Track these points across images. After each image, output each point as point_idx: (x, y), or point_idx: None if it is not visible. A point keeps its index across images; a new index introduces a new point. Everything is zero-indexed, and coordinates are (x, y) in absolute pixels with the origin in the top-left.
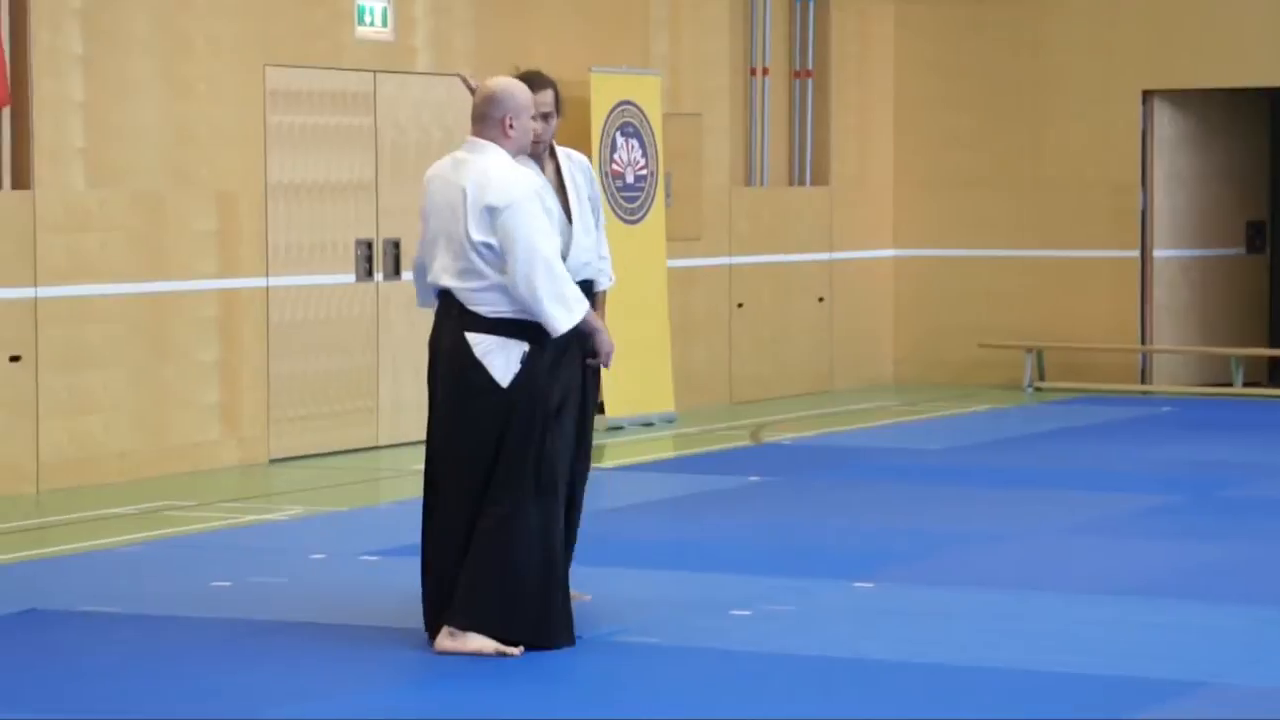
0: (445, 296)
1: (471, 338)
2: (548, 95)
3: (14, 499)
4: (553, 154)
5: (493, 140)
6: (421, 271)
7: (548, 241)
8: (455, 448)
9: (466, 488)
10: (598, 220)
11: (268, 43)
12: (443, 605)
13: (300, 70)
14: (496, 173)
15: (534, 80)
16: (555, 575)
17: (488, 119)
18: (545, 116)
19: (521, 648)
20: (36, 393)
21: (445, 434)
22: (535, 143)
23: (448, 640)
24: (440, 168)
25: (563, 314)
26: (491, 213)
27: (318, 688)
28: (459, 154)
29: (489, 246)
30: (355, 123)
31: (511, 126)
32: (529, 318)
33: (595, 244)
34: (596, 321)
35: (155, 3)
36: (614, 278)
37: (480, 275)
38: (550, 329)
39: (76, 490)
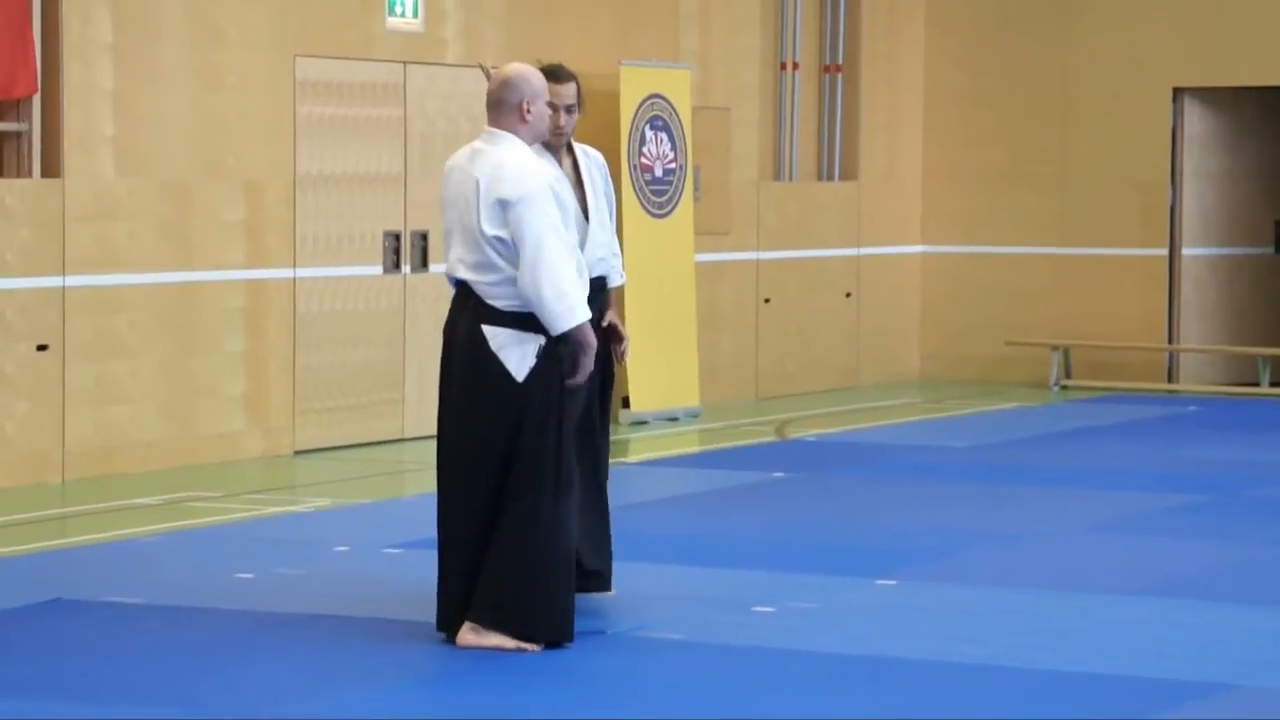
0: (462, 287)
1: (488, 330)
2: (570, 89)
3: (40, 488)
4: (570, 149)
5: (510, 128)
6: None
7: (557, 238)
8: (470, 441)
9: (482, 482)
10: (611, 217)
11: (298, 33)
12: (458, 599)
13: (330, 61)
14: (511, 164)
15: (557, 73)
16: (571, 572)
17: (504, 105)
18: (568, 109)
19: (541, 645)
20: (63, 382)
21: (460, 427)
22: (556, 135)
23: (470, 635)
24: (458, 158)
25: (563, 313)
26: (504, 206)
27: (339, 681)
28: (477, 144)
29: (500, 240)
30: (385, 114)
31: (529, 111)
32: None
33: (610, 240)
34: (590, 338)
35: None
36: (624, 275)
37: (495, 268)
38: (548, 327)
39: (102, 480)
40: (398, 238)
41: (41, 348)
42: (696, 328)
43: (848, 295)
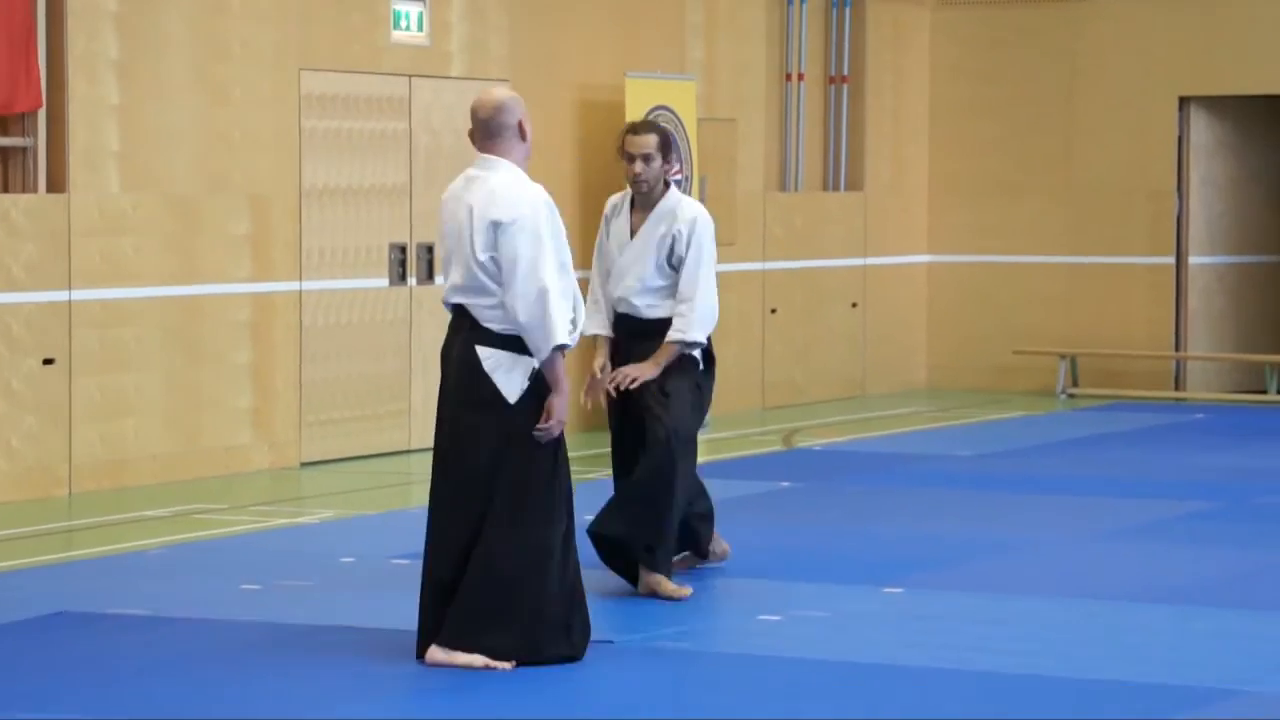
0: (458, 311)
1: (482, 351)
2: (647, 140)
3: (46, 501)
4: (653, 207)
5: (505, 153)
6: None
7: (549, 262)
8: (459, 460)
9: (468, 500)
10: (685, 270)
11: (303, 47)
12: (436, 616)
13: (335, 75)
14: (504, 189)
15: (636, 126)
16: (547, 591)
17: (503, 128)
18: (644, 159)
19: (513, 662)
20: (69, 395)
21: (451, 447)
22: (635, 184)
23: (439, 653)
24: (454, 188)
25: (541, 339)
26: (496, 228)
27: (346, 692)
28: (471, 172)
29: (494, 261)
30: (390, 127)
31: (526, 129)
32: None
33: (639, 280)
34: (559, 378)
35: (191, 7)
36: (686, 332)
37: (488, 292)
38: (533, 351)
39: (108, 493)
40: (403, 250)
41: (48, 361)
42: None
43: (854, 305)
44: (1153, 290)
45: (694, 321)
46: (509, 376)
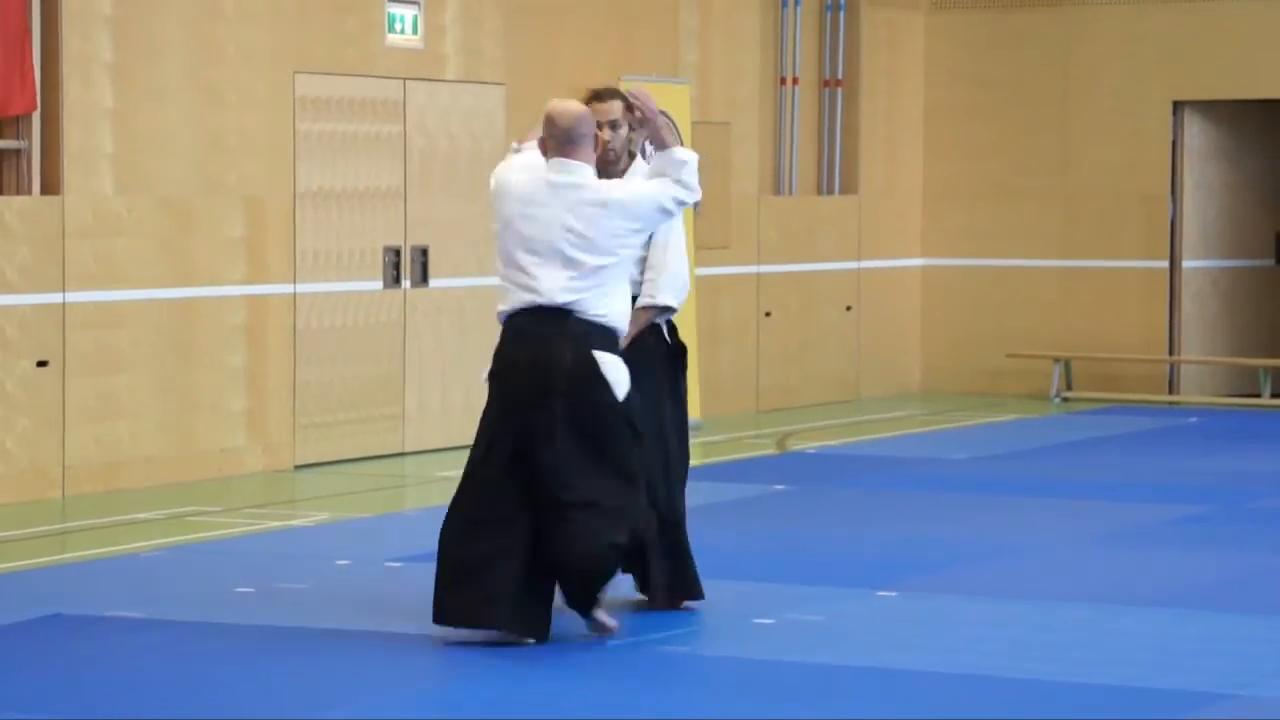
0: (548, 313)
1: (599, 356)
2: (612, 106)
3: (40, 503)
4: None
5: (585, 159)
6: None
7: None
8: (580, 454)
9: (592, 487)
10: (655, 238)
11: (298, 50)
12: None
13: (330, 77)
14: (629, 186)
15: (600, 93)
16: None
17: (584, 138)
18: (611, 125)
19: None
20: (63, 398)
21: (570, 443)
22: (606, 151)
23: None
24: (536, 194)
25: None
26: (645, 213)
27: (341, 694)
28: (552, 177)
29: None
30: (384, 130)
31: (598, 138)
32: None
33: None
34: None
35: (186, 10)
36: (654, 295)
37: (603, 283)
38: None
39: (102, 495)
40: (398, 253)
41: (42, 364)
42: (697, 341)
43: (848, 308)
44: (1147, 294)
45: (662, 285)
46: (617, 377)
